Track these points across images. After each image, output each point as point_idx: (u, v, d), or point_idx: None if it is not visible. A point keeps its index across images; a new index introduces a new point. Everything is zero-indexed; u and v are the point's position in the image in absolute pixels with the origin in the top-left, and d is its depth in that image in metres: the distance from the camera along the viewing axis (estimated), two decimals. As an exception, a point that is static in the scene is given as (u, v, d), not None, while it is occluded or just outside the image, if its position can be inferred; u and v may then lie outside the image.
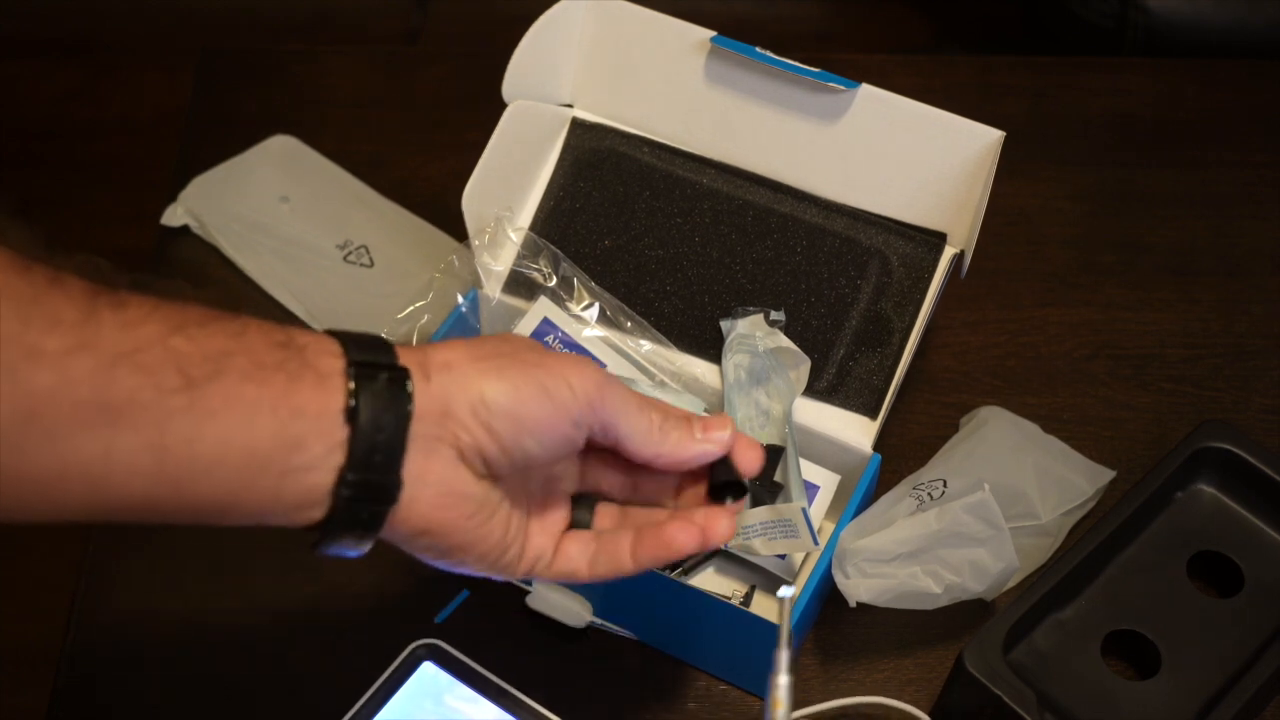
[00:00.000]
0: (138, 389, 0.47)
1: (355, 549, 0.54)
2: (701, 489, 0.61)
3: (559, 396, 0.55)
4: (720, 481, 0.60)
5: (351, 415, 0.51)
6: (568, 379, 0.55)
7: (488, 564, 0.58)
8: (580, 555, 0.60)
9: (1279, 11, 1.36)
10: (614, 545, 0.60)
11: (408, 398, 0.52)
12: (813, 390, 0.75)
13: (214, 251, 0.91)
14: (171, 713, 0.72)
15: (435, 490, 0.54)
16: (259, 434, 0.50)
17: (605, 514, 0.62)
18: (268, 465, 0.50)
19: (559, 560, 0.60)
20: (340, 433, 0.51)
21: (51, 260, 0.48)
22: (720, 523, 0.59)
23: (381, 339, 0.55)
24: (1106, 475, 0.80)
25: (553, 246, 0.78)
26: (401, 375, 0.52)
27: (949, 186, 0.77)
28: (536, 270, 0.78)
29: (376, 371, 0.52)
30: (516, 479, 0.58)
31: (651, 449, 0.58)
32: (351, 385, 0.51)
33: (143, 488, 0.49)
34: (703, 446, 0.59)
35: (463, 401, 0.53)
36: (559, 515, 0.61)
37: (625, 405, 0.57)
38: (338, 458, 0.51)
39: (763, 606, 0.74)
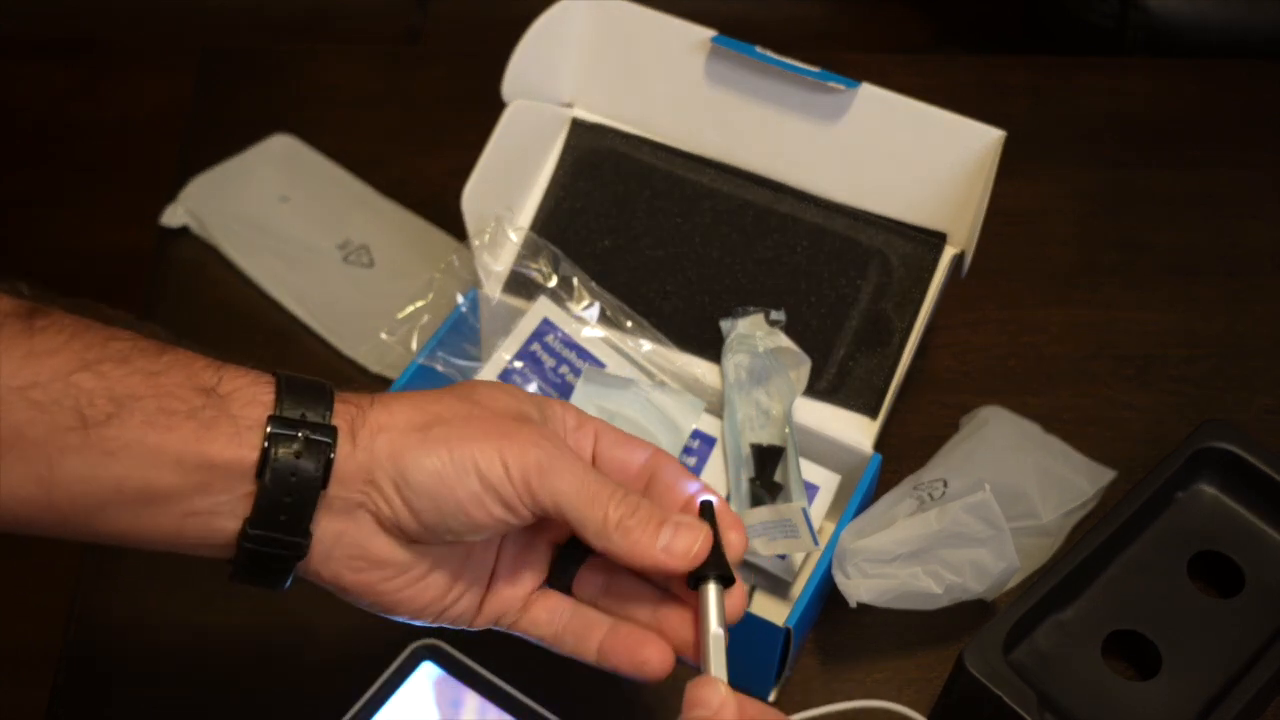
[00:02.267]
0: (28, 424, 0.47)
1: (271, 589, 0.53)
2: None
3: (490, 476, 0.51)
4: (701, 573, 0.54)
5: (261, 471, 0.50)
6: (504, 457, 0.51)
7: (429, 619, 0.55)
8: (548, 624, 0.57)
9: (1279, 11, 1.36)
10: (585, 630, 0.56)
11: (326, 462, 0.50)
12: (813, 390, 0.75)
13: (213, 251, 0.91)
14: (171, 712, 0.72)
15: (349, 553, 0.52)
16: (159, 479, 0.49)
17: (589, 578, 0.58)
18: (167, 507, 0.49)
19: (524, 621, 0.57)
20: (249, 486, 0.50)
21: None
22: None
23: (324, 388, 0.52)
24: (1107, 475, 0.80)
25: (553, 246, 0.78)
26: (325, 436, 0.51)
27: (949, 186, 0.77)
28: (536, 270, 0.78)
29: (298, 428, 0.50)
30: (469, 543, 0.56)
31: (601, 544, 0.53)
32: (266, 443, 0.50)
33: (31, 515, 0.49)
34: (659, 559, 0.53)
35: (386, 472, 0.51)
36: (534, 570, 0.58)
37: (577, 493, 0.52)
38: (244, 508, 0.50)
39: (763, 606, 0.73)
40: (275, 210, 0.93)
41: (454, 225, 0.83)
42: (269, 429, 0.50)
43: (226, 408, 0.50)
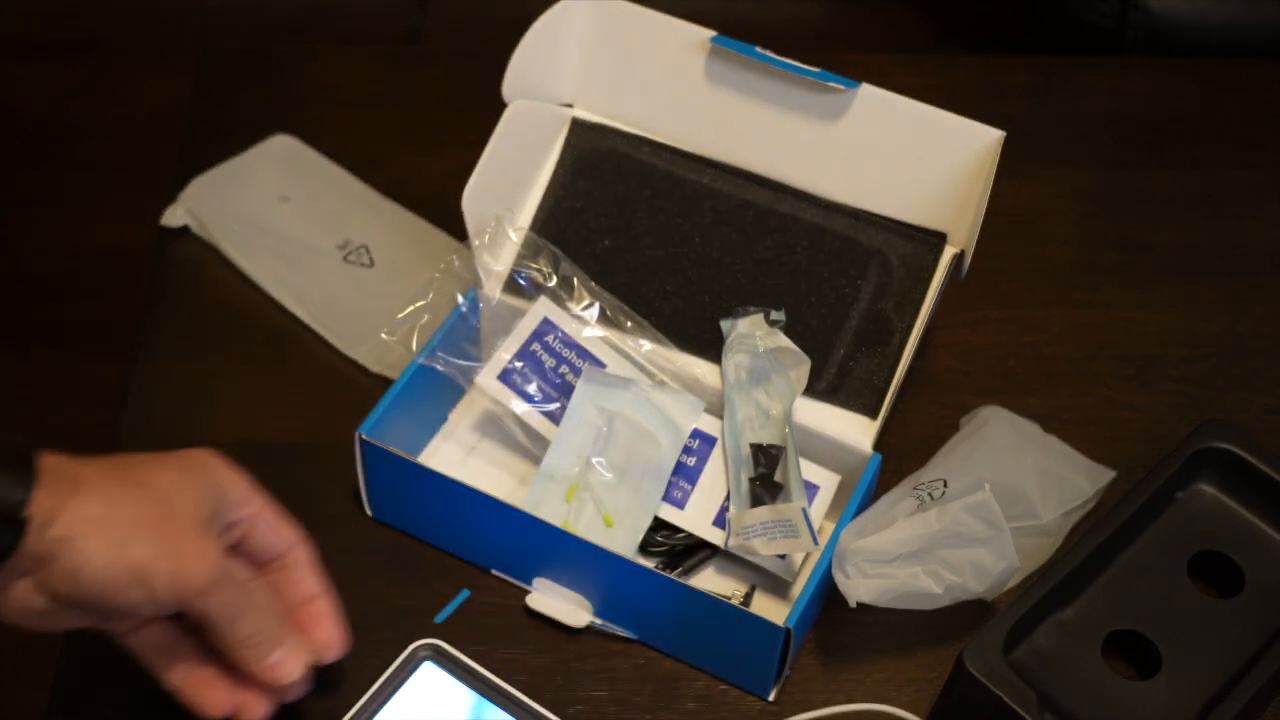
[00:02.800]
0: None
1: None
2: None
3: (156, 589, 0.57)
4: None
5: None
6: (174, 576, 0.58)
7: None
8: (147, 645, 0.63)
9: (1279, 11, 1.36)
10: (175, 657, 0.63)
11: (9, 548, 0.55)
12: (813, 390, 0.75)
13: (214, 251, 0.91)
14: (171, 712, 0.72)
15: (11, 607, 0.58)
16: None
17: None
18: None
19: (132, 636, 0.63)
20: None
21: None
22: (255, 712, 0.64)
23: (31, 467, 0.56)
24: (1107, 475, 0.80)
25: (553, 246, 0.78)
26: (15, 525, 0.54)
27: (949, 186, 0.77)
28: (536, 270, 0.78)
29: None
30: None
31: (233, 655, 0.62)
32: None
33: None
34: (263, 677, 0.62)
35: (65, 563, 0.56)
36: None
37: (221, 612, 0.60)
38: None
39: (763, 606, 0.74)
40: (275, 210, 0.93)
41: (454, 225, 0.82)
42: None
43: None
